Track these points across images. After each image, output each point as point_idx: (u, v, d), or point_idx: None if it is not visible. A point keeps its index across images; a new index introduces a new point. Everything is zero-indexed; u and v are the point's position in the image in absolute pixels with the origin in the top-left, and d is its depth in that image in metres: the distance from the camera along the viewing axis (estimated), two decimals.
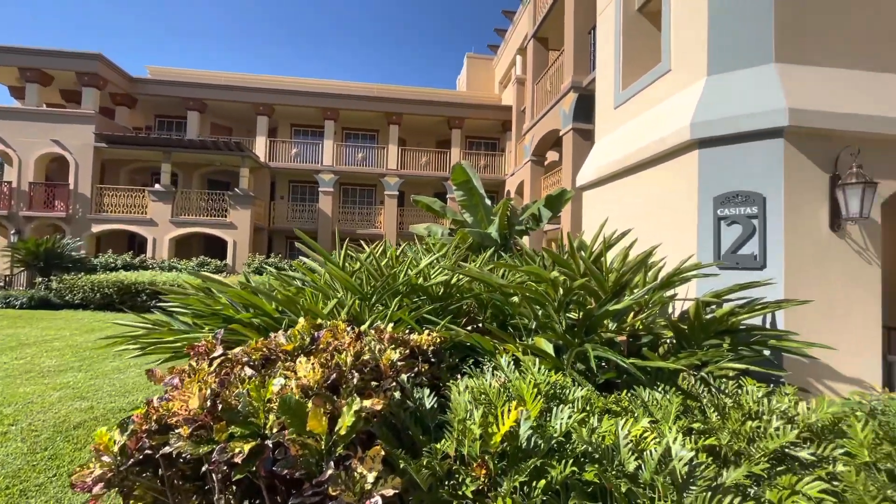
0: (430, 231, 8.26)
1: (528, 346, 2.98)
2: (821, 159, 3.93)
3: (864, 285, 3.93)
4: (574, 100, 11.28)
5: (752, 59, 4.24)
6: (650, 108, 5.42)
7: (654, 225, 4.88)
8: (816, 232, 3.89)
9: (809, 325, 3.78)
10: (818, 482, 1.92)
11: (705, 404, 2.48)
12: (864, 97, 4.08)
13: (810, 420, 2.27)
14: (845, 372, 3.82)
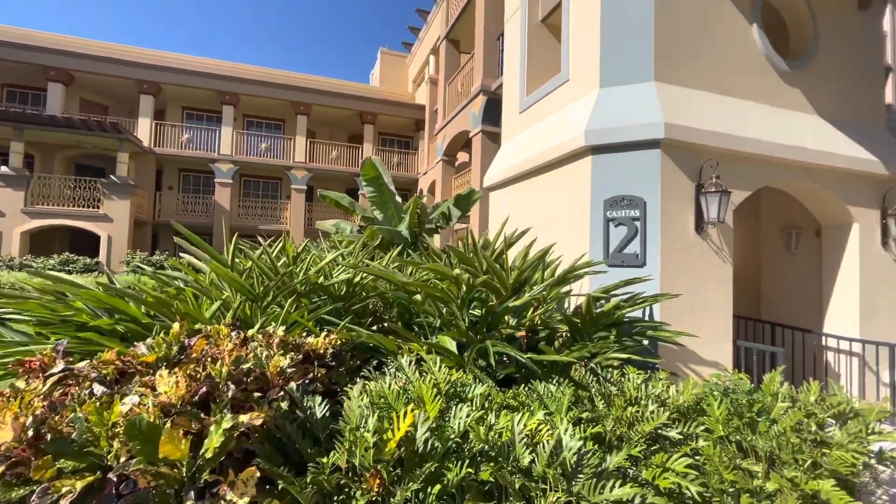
0: (338, 228, 7.92)
1: (432, 344, 2.94)
2: (689, 169, 4.46)
3: (720, 280, 4.54)
4: (483, 103, 11.64)
5: (637, 76, 4.67)
6: (551, 114, 5.74)
7: (553, 225, 5.17)
8: (685, 234, 4.41)
9: (678, 316, 4.27)
10: (684, 458, 2.13)
11: (594, 393, 2.64)
12: (722, 118, 4.72)
13: (679, 402, 2.52)
14: (706, 356, 4.39)
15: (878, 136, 5.90)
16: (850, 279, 5.47)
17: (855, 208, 5.44)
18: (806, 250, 6.12)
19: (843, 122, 5.64)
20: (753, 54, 5.19)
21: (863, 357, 5.26)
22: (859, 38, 6.06)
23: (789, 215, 6.32)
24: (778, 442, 2.28)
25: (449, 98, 15.18)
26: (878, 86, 6.22)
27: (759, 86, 5.22)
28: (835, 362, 5.52)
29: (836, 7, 5.87)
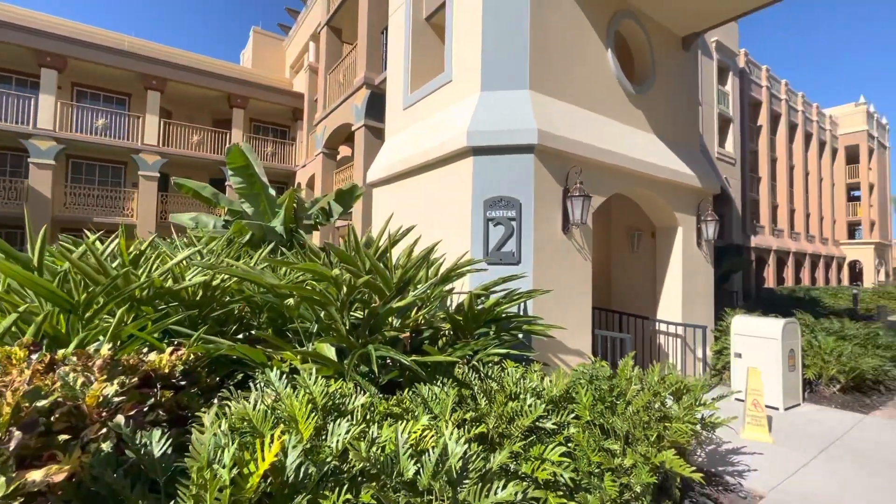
0: (197, 222, 6.93)
1: (308, 353, 2.67)
2: (557, 174, 4.86)
3: (582, 276, 5.04)
4: (366, 96, 11.32)
5: (514, 83, 4.92)
6: (435, 113, 5.77)
7: (437, 223, 5.19)
8: (554, 234, 4.79)
9: (548, 310, 4.62)
10: (559, 447, 2.24)
11: (477, 392, 2.65)
12: (585, 129, 5.24)
13: (552, 393, 2.68)
14: (571, 345, 4.83)
15: (694, 157, 7.19)
16: (675, 273, 6.56)
17: (679, 214, 6.54)
18: (644, 249, 7.18)
19: (672, 143, 6.74)
20: (609, 76, 5.87)
21: (684, 338, 6.35)
22: (683, 73, 7.30)
23: (632, 219, 7.34)
24: (632, 421, 2.55)
25: (330, 88, 14.46)
26: (694, 115, 7.57)
27: (612, 104, 5.93)
28: (665, 343, 6.57)
29: (667, 45, 6.97)
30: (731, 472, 3.48)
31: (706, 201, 6.91)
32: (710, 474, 3.42)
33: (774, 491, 3.22)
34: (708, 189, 6.97)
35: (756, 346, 5.36)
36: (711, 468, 3.53)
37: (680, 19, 6.78)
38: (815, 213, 30.41)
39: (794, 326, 5.46)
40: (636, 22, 6.32)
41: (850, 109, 35.50)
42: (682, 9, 6.51)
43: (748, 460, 3.72)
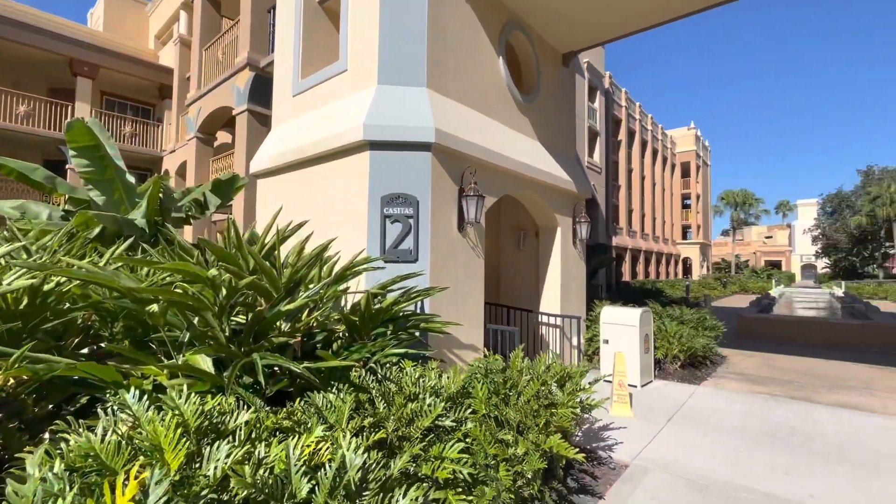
0: (24, 211, 5.63)
1: (178, 366, 2.31)
2: (453, 174, 4.96)
3: (476, 273, 5.23)
4: (250, 78, 10.33)
5: (412, 79, 4.89)
6: (329, 102, 5.47)
7: (331, 219, 4.93)
8: (450, 232, 4.88)
9: (444, 307, 4.70)
10: (458, 444, 2.25)
11: (375, 395, 2.56)
12: (479, 132, 5.43)
13: (450, 390, 2.70)
14: (466, 341, 4.98)
15: (571, 164, 7.95)
16: (555, 269, 7.19)
17: (559, 216, 7.17)
18: (529, 247, 7.73)
19: (553, 150, 7.36)
20: (500, 83, 6.18)
21: (562, 328, 6.99)
22: (563, 87, 8.02)
23: (519, 219, 7.86)
24: (524, 411, 2.70)
25: (206, 65, 12.90)
26: (572, 126, 8.37)
27: (503, 110, 6.26)
28: (546, 334, 7.16)
29: (550, 60, 7.59)
30: (603, 447, 3.90)
31: (580, 204, 7.69)
32: (587, 451, 3.79)
33: (636, 459, 3.69)
34: (582, 193, 7.76)
35: (619, 333, 6.12)
36: (588, 445, 3.93)
37: (561, 37, 7.42)
38: (659, 218, 36.01)
39: (648, 314, 6.36)
40: (524, 34, 6.75)
41: (684, 132, 42.74)
42: (563, 28, 7.12)
43: (616, 434, 4.22)
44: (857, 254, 47.08)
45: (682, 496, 3.10)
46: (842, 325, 10.11)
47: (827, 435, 4.29)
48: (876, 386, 6.18)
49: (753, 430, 4.40)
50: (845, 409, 5.11)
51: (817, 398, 5.57)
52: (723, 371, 6.98)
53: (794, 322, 10.85)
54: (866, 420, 4.75)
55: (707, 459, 3.72)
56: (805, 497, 3.11)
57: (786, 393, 5.79)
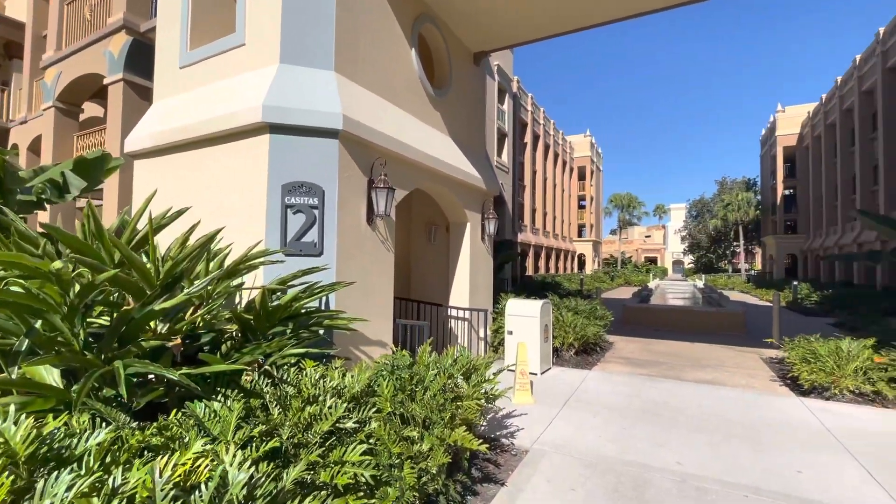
0: None
1: (12, 381, 1.88)
2: (363, 164, 4.77)
3: (385, 267, 5.11)
4: (127, 44, 8.95)
5: (319, 61, 4.59)
6: (223, 78, 4.92)
7: (223, 207, 4.46)
8: (358, 224, 4.70)
9: (352, 302, 4.52)
10: (360, 445, 2.15)
11: (269, 400, 2.34)
12: (390, 123, 5.30)
13: (354, 390, 2.58)
14: (374, 337, 4.84)
15: (481, 161, 8.17)
16: (464, 264, 7.34)
17: (468, 211, 7.33)
18: (440, 242, 7.80)
19: (464, 146, 7.48)
20: (413, 75, 6.09)
21: (470, 321, 7.17)
22: (474, 85, 8.19)
23: (430, 214, 7.88)
24: (430, 406, 2.67)
25: (69, 23, 10.93)
26: (482, 124, 8.60)
27: (415, 103, 6.19)
28: (455, 327, 7.29)
29: (462, 57, 7.69)
30: (506, 434, 4.05)
31: (489, 201, 7.94)
32: (491, 440, 3.91)
33: (536, 443, 3.89)
34: (491, 190, 8.01)
35: (522, 324, 6.44)
36: (492, 434, 4.05)
37: (473, 36, 7.55)
38: (559, 217, 38.91)
39: (548, 306, 6.78)
40: (437, 29, 6.74)
41: (581, 139, 46.61)
42: (474, 26, 7.24)
43: (518, 421, 4.42)
44: (713, 251, 55.55)
45: (574, 475, 3.32)
46: (702, 313, 11.80)
47: (691, 408, 4.93)
48: (727, 363, 7.29)
49: (635, 408, 4.91)
50: (705, 385, 5.94)
51: (684, 376, 6.40)
52: (610, 356, 7.72)
53: (667, 311, 12.41)
54: (719, 392, 5.57)
55: (597, 438, 4.06)
56: (674, 464, 3.52)
57: (660, 373, 6.57)
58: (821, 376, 5.38)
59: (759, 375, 6.48)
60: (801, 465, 3.51)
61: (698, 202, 58.41)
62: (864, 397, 5.22)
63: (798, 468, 3.47)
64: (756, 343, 9.00)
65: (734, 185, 51.46)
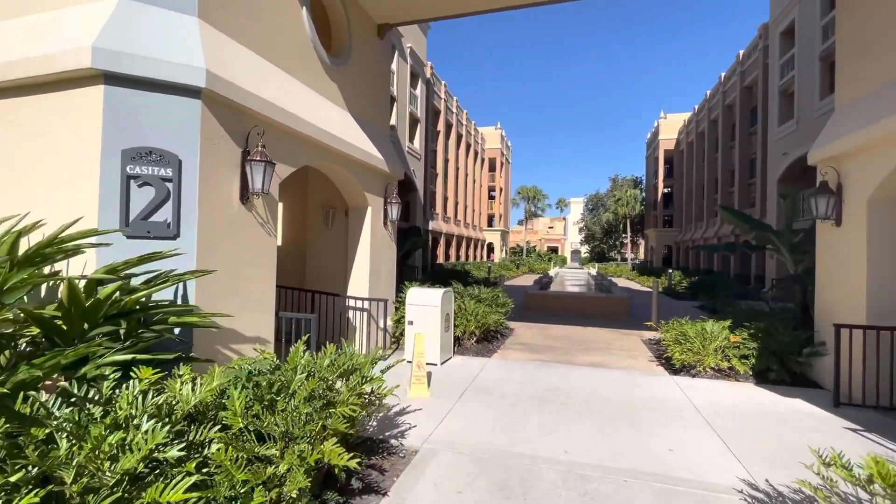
0: None
1: None
2: (235, 132, 4.07)
3: (265, 253, 4.48)
4: None
5: (178, 1, 3.78)
6: (34, 9, 3.85)
7: (39, 176, 3.49)
8: (229, 202, 4.02)
9: (222, 295, 3.86)
10: (186, 479, 1.67)
11: (57, 428, 1.75)
12: (274, 88, 4.62)
13: (190, 406, 2.06)
14: (249, 333, 4.23)
15: (384, 141, 7.70)
16: (364, 250, 6.89)
17: (369, 195, 6.86)
18: (338, 227, 7.23)
19: (365, 124, 6.96)
20: (304, 38, 5.41)
21: (369, 311, 6.77)
22: (378, 60, 7.65)
23: (327, 196, 7.26)
24: (293, 418, 2.25)
25: None
26: (386, 102, 8.11)
27: (307, 70, 5.53)
28: (354, 318, 6.83)
29: (364, 28, 7.11)
30: (397, 434, 3.76)
31: (392, 185, 7.53)
32: (379, 441, 3.59)
33: (427, 442, 3.65)
34: (394, 173, 7.60)
35: (423, 314, 6.20)
36: (380, 434, 3.73)
37: (376, 5, 7.00)
38: (470, 206, 39.74)
39: (449, 295, 6.61)
40: None
41: (492, 131, 47.94)
42: None
43: (411, 418, 4.15)
44: (606, 242, 61.13)
45: (463, 475, 3.14)
46: (594, 298, 12.68)
47: (579, 392, 5.09)
48: (613, 345, 7.81)
49: (529, 396, 4.93)
50: (592, 368, 6.23)
51: (575, 360, 6.68)
52: (510, 342, 7.85)
53: (563, 297, 13.13)
54: (606, 374, 5.87)
55: (490, 430, 3.94)
56: (561, 453, 3.52)
57: (554, 358, 6.79)
58: (689, 356, 5.91)
59: (639, 356, 7.01)
60: (672, 443, 3.72)
61: (594, 197, 63.68)
62: (721, 373, 5.85)
63: (670, 446, 3.66)
64: (638, 326, 9.83)
65: (624, 182, 56.88)
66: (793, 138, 17.64)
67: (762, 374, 5.68)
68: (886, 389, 4.72)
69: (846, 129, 5.26)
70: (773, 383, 5.53)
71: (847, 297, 5.21)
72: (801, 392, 5.22)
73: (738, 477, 3.16)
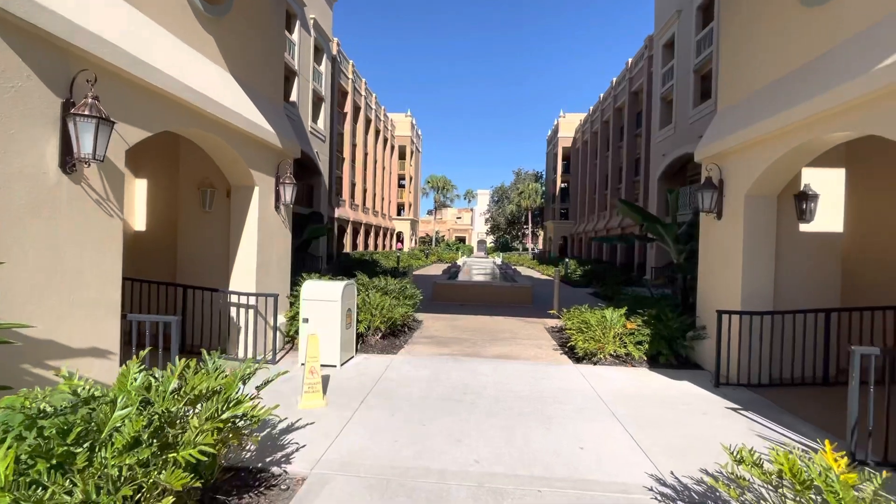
0: None
1: None
2: (52, 75, 3.01)
3: (104, 239, 3.46)
4: None
5: None
6: None
7: None
8: (41, 171, 2.96)
9: (28, 293, 2.85)
10: None
11: None
12: (119, 28, 3.55)
13: None
14: (79, 343, 3.22)
15: (277, 114, 6.73)
16: (251, 238, 5.94)
17: (256, 172, 5.90)
18: (219, 210, 6.15)
19: (252, 90, 5.95)
20: None
21: (257, 308, 5.87)
22: (268, 17, 6.61)
23: (205, 173, 6.13)
24: (100, 479, 1.53)
25: None
26: (278, 68, 7.09)
27: (175, 16, 4.46)
28: (238, 316, 5.87)
29: None
30: (280, 460, 3.12)
31: (286, 163, 6.61)
32: (256, 472, 2.92)
33: (317, 466, 3.07)
34: (288, 150, 6.69)
35: (321, 310, 5.51)
36: (259, 462, 3.06)
37: None
38: (379, 194, 38.66)
39: (352, 288, 5.98)
40: None
41: (402, 118, 47.07)
42: None
43: (300, 436, 3.52)
44: (509, 232, 64.07)
45: None
46: (500, 287, 12.87)
47: (488, 388, 4.86)
48: (519, 335, 7.83)
49: (437, 396, 4.56)
50: (501, 360, 6.09)
51: (484, 352, 6.50)
52: (418, 336, 7.46)
53: (471, 286, 13.14)
54: (514, 366, 5.75)
55: (393, 442, 3.48)
56: (472, 463, 3.19)
57: (463, 351, 6.54)
58: (591, 344, 6.04)
59: (544, 345, 7.07)
60: (582, 439, 3.60)
61: (499, 189, 66.21)
62: (619, 359, 6.07)
63: (581, 443, 3.53)
64: (541, 314, 10.09)
65: (527, 176, 59.90)
66: (671, 141, 19.71)
67: (654, 359, 6.00)
68: (756, 370, 5.21)
69: (726, 130, 5.67)
70: (663, 367, 5.86)
71: (725, 285, 5.67)
72: (686, 374, 5.58)
73: (646, 472, 3.09)
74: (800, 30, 4.69)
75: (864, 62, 3.65)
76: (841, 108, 3.89)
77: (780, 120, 4.57)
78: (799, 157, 4.79)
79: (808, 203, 5.30)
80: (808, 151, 4.68)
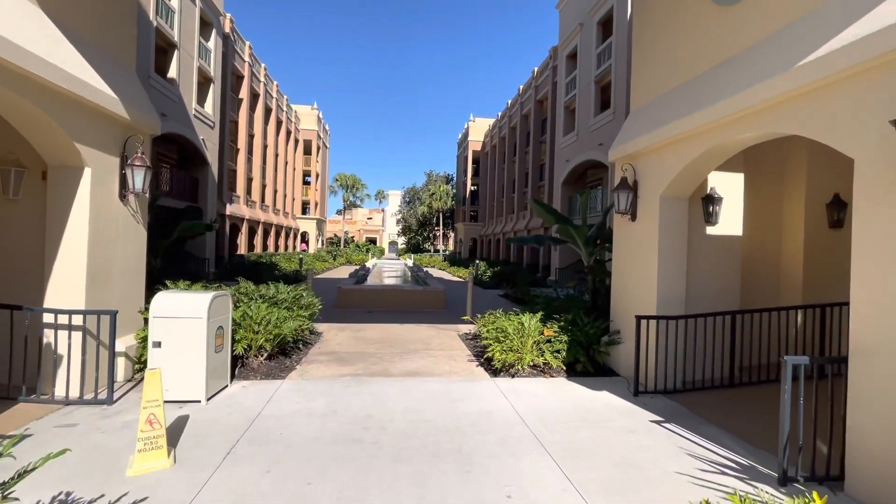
0: None
1: None
2: None
3: None
4: None
5: None
6: None
7: None
8: None
9: None
10: None
11: None
12: None
13: None
14: None
15: (125, 78, 5.21)
16: (79, 237, 4.43)
17: (88, 149, 4.43)
18: (30, 197, 4.54)
19: (82, 41, 4.46)
20: None
21: (89, 330, 4.39)
22: None
23: (8, 146, 4.47)
24: None
25: None
26: (130, 23, 5.55)
27: None
28: (56, 342, 4.33)
29: None
30: None
31: (137, 139, 5.12)
32: None
33: None
34: (141, 124, 5.22)
35: (180, 330, 4.25)
36: None
37: None
38: (280, 191, 35.66)
39: (224, 300, 4.77)
40: None
41: (308, 110, 44.19)
42: None
43: None
44: (421, 234, 63.83)
45: None
46: (411, 292, 12.11)
47: (397, 420, 4.06)
48: (432, 345, 7.14)
49: (331, 437, 3.64)
50: (411, 378, 5.33)
51: (393, 369, 5.68)
52: (315, 352, 6.39)
53: (379, 291, 12.20)
54: (426, 386, 5.03)
55: None
56: None
57: (368, 369, 5.66)
58: (510, 356, 5.54)
59: (459, 357, 6.46)
60: (509, 484, 2.97)
61: (411, 190, 65.68)
62: (537, 369, 5.66)
63: (507, 490, 2.90)
64: (454, 319, 9.55)
65: (438, 178, 60.16)
66: (573, 148, 20.68)
67: (572, 367, 5.69)
68: (672, 375, 5.10)
69: (642, 129, 5.55)
70: (581, 375, 5.56)
71: (641, 288, 5.53)
72: (604, 383, 5.33)
73: None
74: (715, 28, 4.63)
75: (782, 60, 3.54)
76: (761, 107, 3.77)
77: (698, 118, 4.44)
78: (713, 157, 4.73)
79: (713, 206, 5.35)
80: (723, 152, 4.63)
